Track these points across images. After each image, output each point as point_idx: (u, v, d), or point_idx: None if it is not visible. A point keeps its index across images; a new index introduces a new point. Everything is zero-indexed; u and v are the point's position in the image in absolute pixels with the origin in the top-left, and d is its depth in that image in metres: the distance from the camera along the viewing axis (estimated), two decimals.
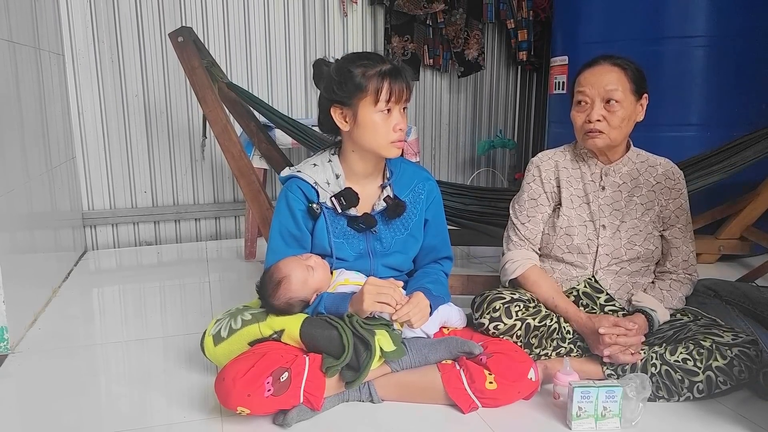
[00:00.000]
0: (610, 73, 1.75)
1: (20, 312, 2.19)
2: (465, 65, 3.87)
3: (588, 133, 1.77)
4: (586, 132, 1.77)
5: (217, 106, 2.51)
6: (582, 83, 1.77)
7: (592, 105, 1.75)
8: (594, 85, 1.74)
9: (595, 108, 1.74)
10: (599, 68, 1.76)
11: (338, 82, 1.65)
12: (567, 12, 3.26)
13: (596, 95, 1.74)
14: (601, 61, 1.78)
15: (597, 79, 1.75)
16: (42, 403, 1.72)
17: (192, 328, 2.19)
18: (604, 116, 1.74)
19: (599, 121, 1.74)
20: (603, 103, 1.74)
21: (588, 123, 1.75)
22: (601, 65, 1.77)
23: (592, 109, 1.75)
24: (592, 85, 1.75)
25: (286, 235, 1.75)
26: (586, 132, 1.77)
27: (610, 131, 1.75)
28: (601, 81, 1.74)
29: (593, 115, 1.74)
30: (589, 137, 1.77)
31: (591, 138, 1.77)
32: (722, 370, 1.60)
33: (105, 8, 3.19)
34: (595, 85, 1.74)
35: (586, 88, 1.76)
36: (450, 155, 4.10)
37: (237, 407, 1.50)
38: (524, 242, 1.90)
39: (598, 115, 1.74)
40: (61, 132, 2.97)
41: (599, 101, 1.74)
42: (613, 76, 1.74)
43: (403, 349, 1.62)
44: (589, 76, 1.77)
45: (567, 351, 1.78)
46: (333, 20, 3.60)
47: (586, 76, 1.78)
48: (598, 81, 1.74)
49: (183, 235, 3.54)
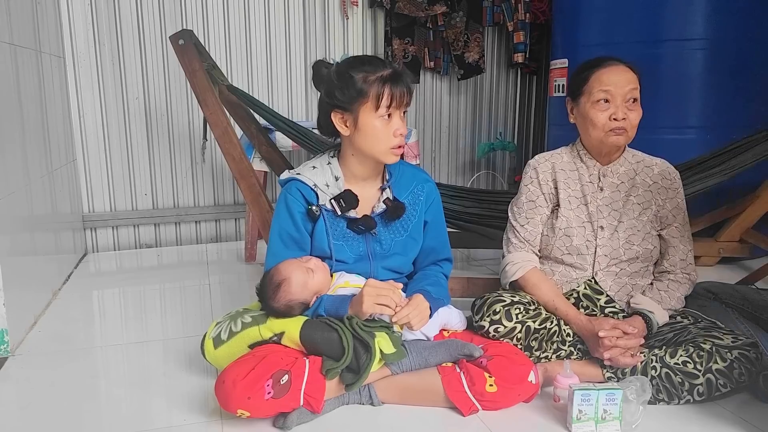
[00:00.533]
0: (628, 73, 1.78)
1: (20, 314, 2.19)
2: (465, 68, 3.87)
3: (613, 130, 1.77)
4: (611, 129, 1.77)
5: (218, 108, 2.51)
6: (605, 82, 1.77)
7: (615, 102, 1.76)
8: (618, 85, 1.76)
9: (620, 106, 1.76)
10: (616, 68, 1.78)
11: (339, 87, 1.65)
12: (567, 15, 3.27)
13: (619, 94, 1.76)
14: (613, 61, 1.79)
15: (619, 78, 1.76)
16: (42, 406, 1.72)
17: (192, 331, 2.19)
18: (626, 115, 1.76)
19: (624, 119, 1.76)
20: (624, 102, 1.76)
21: (614, 120, 1.76)
22: (617, 65, 1.79)
23: (617, 108, 1.76)
24: (616, 84, 1.76)
25: (285, 238, 1.75)
26: (612, 129, 1.77)
27: (631, 129, 1.78)
28: (623, 80, 1.76)
29: (619, 113, 1.75)
30: (614, 134, 1.78)
31: (616, 135, 1.78)
32: (722, 373, 1.60)
33: (106, 11, 3.20)
34: (618, 84, 1.76)
35: (611, 87, 1.76)
36: (450, 158, 4.10)
37: (237, 410, 1.49)
38: (524, 244, 1.90)
39: (624, 113, 1.75)
40: (61, 134, 2.98)
41: (621, 100, 1.76)
42: (632, 76, 1.77)
43: (403, 351, 1.62)
44: (612, 75, 1.77)
45: (567, 354, 1.78)
46: (333, 22, 3.61)
47: (606, 75, 1.78)
48: (619, 80, 1.76)
49: (183, 238, 3.54)
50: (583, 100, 1.81)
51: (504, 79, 4.14)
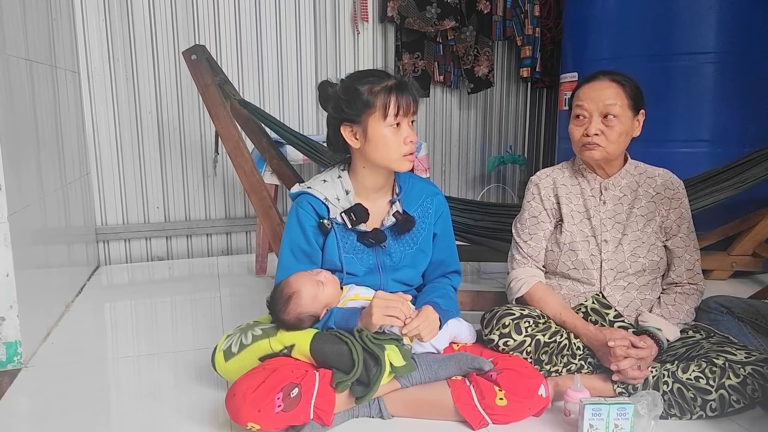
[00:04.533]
0: (608, 89, 1.77)
1: (34, 326, 2.21)
2: (475, 82, 3.89)
3: (585, 145, 1.79)
4: (583, 144, 1.80)
5: (230, 122, 2.53)
6: (581, 98, 1.80)
7: (590, 119, 1.78)
8: (593, 100, 1.77)
9: (593, 122, 1.77)
10: (598, 83, 1.79)
11: (346, 101, 1.67)
12: (577, 29, 3.28)
13: (594, 110, 1.77)
14: (600, 77, 1.80)
15: (596, 94, 1.77)
16: (54, 418, 1.73)
17: (203, 343, 2.20)
18: (601, 130, 1.77)
19: (597, 135, 1.76)
20: (601, 117, 1.77)
21: (585, 136, 1.78)
22: (599, 80, 1.79)
23: (590, 123, 1.77)
24: (591, 100, 1.77)
25: (296, 251, 1.76)
26: (584, 145, 1.79)
27: (608, 145, 1.77)
28: (600, 96, 1.76)
29: (591, 129, 1.77)
30: (586, 149, 1.80)
31: (588, 150, 1.79)
32: (735, 389, 1.58)
33: (120, 27, 3.24)
34: (594, 100, 1.77)
35: (585, 103, 1.78)
36: (460, 171, 4.11)
37: (247, 423, 1.50)
38: (527, 260, 1.90)
39: (596, 129, 1.76)
40: (75, 148, 3.01)
41: (597, 116, 1.77)
42: (611, 92, 1.76)
43: (412, 364, 1.62)
44: (588, 90, 1.79)
45: (578, 367, 1.77)
46: (344, 37, 3.64)
47: (585, 90, 1.80)
48: (596, 96, 1.77)
49: (194, 251, 3.56)
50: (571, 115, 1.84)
51: (514, 92, 4.15)
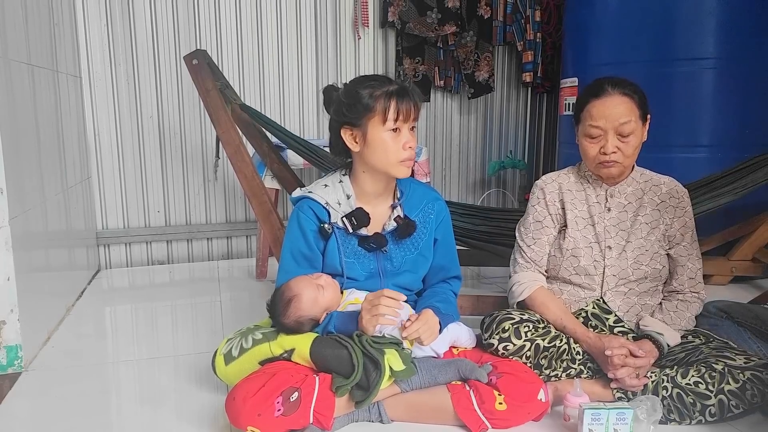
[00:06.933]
0: (621, 105, 1.74)
1: (34, 330, 2.21)
2: (475, 86, 3.90)
3: (602, 163, 1.78)
4: (600, 162, 1.78)
5: (231, 127, 2.54)
6: (595, 116, 1.75)
7: (605, 136, 1.75)
8: (608, 119, 1.73)
9: (610, 140, 1.74)
10: (610, 100, 1.74)
11: (347, 105, 1.68)
12: (577, 34, 3.29)
13: (609, 128, 1.74)
14: (609, 90, 1.75)
15: (610, 112, 1.73)
16: (55, 422, 1.74)
17: (203, 347, 2.20)
18: (618, 147, 1.75)
19: (614, 152, 1.75)
20: (616, 134, 1.74)
21: (603, 154, 1.76)
22: (610, 96, 1.75)
23: (606, 141, 1.75)
24: (606, 119, 1.74)
25: (297, 255, 1.77)
26: (600, 162, 1.78)
27: (624, 160, 1.76)
28: (614, 114, 1.73)
29: (608, 148, 1.74)
30: (603, 167, 1.78)
31: (606, 168, 1.78)
32: (735, 394, 1.58)
33: (122, 32, 3.26)
34: (609, 119, 1.73)
35: (600, 122, 1.74)
36: (460, 176, 4.11)
37: (247, 427, 1.50)
38: (530, 264, 1.90)
39: (613, 147, 1.74)
40: (77, 152, 3.02)
41: (612, 133, 1.74)
42: (624, 108, 1.73)
43: (412, 368, 1.62)
44: (602, 108, 1.74)
45: (577, 372, 1.77)
46: (345, 42, 3.65)
47: (597, 108, 1.75)
48: (611, 114, 1.73)
49: (195, 255, 3.57)
50: (580, 128, 1.82)
51: (514, 97, 4.15)
